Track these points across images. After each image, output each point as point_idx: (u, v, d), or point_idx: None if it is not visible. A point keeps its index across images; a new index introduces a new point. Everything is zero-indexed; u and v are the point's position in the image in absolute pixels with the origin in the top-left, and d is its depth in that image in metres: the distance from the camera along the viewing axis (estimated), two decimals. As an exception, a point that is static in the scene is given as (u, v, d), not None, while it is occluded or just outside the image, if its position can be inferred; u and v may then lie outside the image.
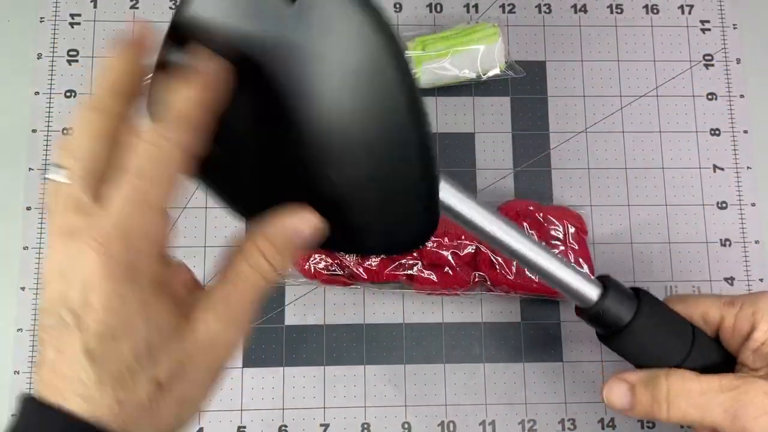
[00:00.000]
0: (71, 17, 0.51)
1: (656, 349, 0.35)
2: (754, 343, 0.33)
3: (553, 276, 0.34)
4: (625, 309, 0.35)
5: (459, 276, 0.45)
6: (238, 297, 0.28)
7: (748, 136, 0.52)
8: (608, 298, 0.35)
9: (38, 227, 0.48)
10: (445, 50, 0.48)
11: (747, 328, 0.33)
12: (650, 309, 0.35)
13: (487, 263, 0.45)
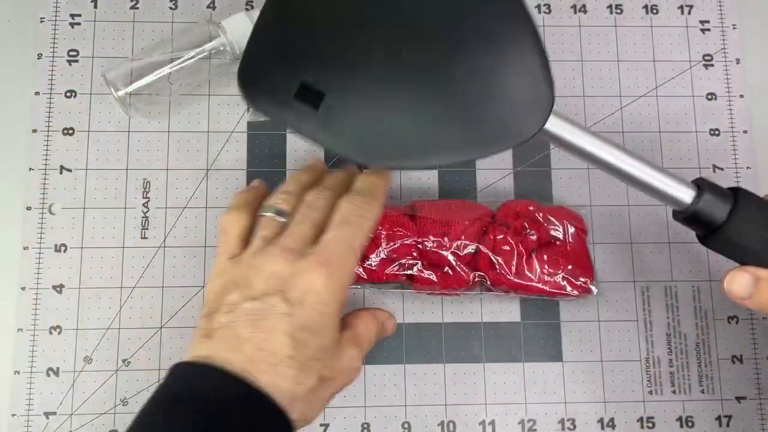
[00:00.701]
0: (71, 17, 0.51)
1: (757, 246, 0.36)
2: None
3: (648, 183, 0.37)
4: (721, 208, 0.36)
5: (459, 276, 0.44)
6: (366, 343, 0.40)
7: (747, 136, 0.52)
8: (702, 199, 0.36)
9: (38, 227, 0.48)
10: None
11: None
12: (747, 207, 0.36)
13: (487, 263, 0.44)
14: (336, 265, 0.36)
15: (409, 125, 0.34)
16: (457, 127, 0.34)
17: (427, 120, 0.34)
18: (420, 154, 0.35)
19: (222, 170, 0.49)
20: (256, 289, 0.35)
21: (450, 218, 0.44)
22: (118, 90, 0.47)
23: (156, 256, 0.48)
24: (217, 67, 0.49)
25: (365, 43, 0.34)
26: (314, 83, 0.34)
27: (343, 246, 0.37)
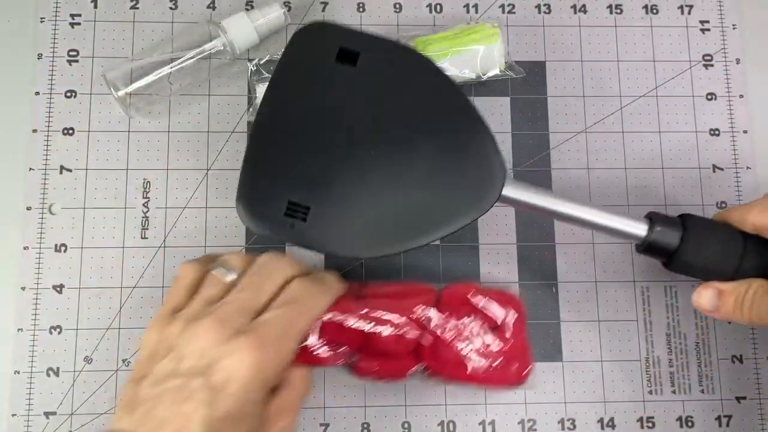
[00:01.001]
0: (71, 17, 0.51)
1: (709, 264, 0.40)
2: None
3: (605, 226, 0.42)
4: (673, 236, 0.40)
5: (401, 365, 0.41)
6: (298, 404, 0.38)
7: (747, 137, 0.52)
8: (654, 231, 0.41)
9: (38, 227, 0.48)
10: (445, 50, 0.48)
11: None
12: (695, 231, 0.40)
13: (430, 352, 0.41)
14: (271, 349, 0.34)
15: (386, 219, 0.40)
16: (428, 213, 0.40)
17: (400, 212, 0.40)
18: (399, 242, 0.40)
19: (222, 170, 0.49)
20: (184, 365, 0.33)
21: (395, 304, 0.41)
22: (118, 90, 0.47)
23: (156, 256, 0.48)
24: (217, 67, 0.49)
25: (338, 159, 0.40)
26: (299, 200, 0.39)
27: (284, 328, 0.35)
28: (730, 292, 0.39)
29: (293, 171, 0.40)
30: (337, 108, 0.41)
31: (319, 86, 0.41)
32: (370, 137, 0.41)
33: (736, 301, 0.39)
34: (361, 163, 0.40)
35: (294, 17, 0.52)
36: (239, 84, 0.51)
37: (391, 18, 0.52)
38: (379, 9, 0.53)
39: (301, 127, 0.41)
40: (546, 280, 0.49)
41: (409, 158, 0.41)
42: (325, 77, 0.41)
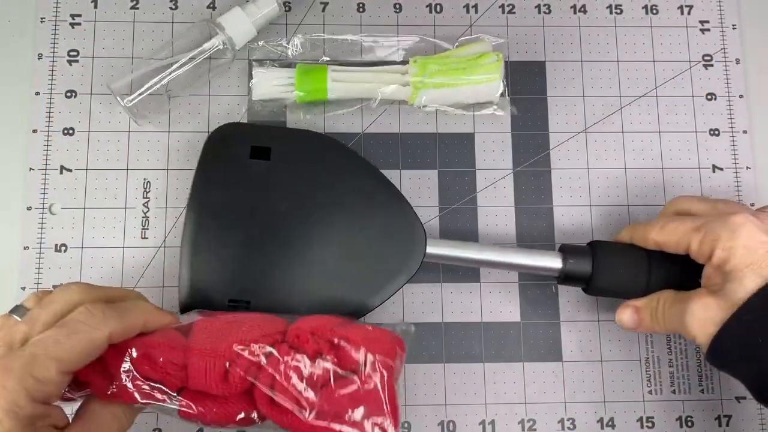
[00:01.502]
0: (71, 17, 0.51)
1: (621, 285, 0.44)
2: (712, 267, 0.40)
3: (524, 265, 0.45)
4: (585, 264, 0.44)
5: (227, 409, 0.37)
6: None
7: (747, 136, 0.52)
8: (568, 262, 0.44)
9: (38, 227, 0.48)
10: (444, 83, 0.48)
11: (708, 251, 0.39)
12: (603, 256, 0.44)
13: (264, 399, 0.36)
14: (12, 377, 0.30)
15: (322, 298, 0.43)
16: (360, 287, 0.44)
17: (333, 290, 0.44)
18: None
19: (222, 170, 0.49)
20: None
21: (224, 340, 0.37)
22: (125, 99, 0.47)
23: (156, 256, 0.48)
24: (217, 67, 0.49)
25: (267, 253, 0.44)
26: (238, 296, 0.43)
27: (32, 355, 0.31)
28: (644, 307, 0.43)
29: (228, 271, 0.43)
30: (261, 203, 0.44)
31: (238, 185, 0.45)
32: (294, 226, 0.44)
33: (652, 315, 0.42)
34: (288, 252, 0.44)
35: (294, 17, 0.52)
36: (239, 84, 0.51)
37: (392, 18, 0.52)
38: (379, 9, 0.53)
39: (229, 226, 0.44)
40: (546, 281, 0.49)
41: (333, 239, 0.44)
42: (243, 175, 0.45)
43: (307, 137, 0.47)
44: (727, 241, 0.38)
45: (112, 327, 0.34)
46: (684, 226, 0.41)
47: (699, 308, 0.39)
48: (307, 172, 0.45)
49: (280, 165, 0.45)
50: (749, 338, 0.37)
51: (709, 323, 0.38)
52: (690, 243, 0.40)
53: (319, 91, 0.49)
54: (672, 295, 0.42)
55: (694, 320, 0.39)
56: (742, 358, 0.38)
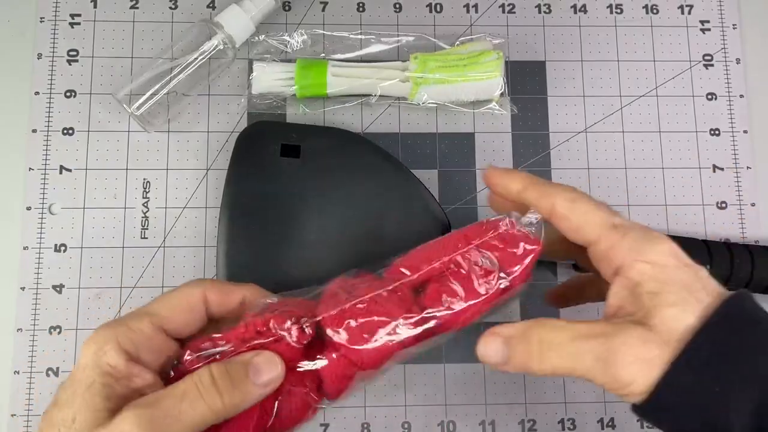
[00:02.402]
0: (71, 17, 0.51)
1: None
2: (628, 282, 0.30)
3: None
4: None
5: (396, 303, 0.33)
6: (167, 413, 0.27)
7: (747, 136, 0.52)
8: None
9: (38, 227, 0.48)
10: (444, 80, 0.48)
11: (620, 261, 0.31)
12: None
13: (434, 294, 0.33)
14: (110, 326, 0.29)
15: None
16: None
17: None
18: None
19: (222, 170, 0.49)
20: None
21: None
22: (132, 107, 0.47)
23: (156, 256, 0.48)
24: (218, 67, 0.49)
25: (298, 255, 0.44)
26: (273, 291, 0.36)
27: (132, 311, 0.30)
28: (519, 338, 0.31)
29: (263, 266, 0.44)
30: (292, 200, 0.45)
31: (269, 183, 0.45)
32: (325, 223, 0.45)
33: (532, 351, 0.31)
34: (320, 248, 0.44)
35: (294, 16, 0.52)
36: (239, 84, 0.51)
37: (392, 18, 0.52)
38: (379, 9, 0.52)
39: (262, 223, 0.45)
40: (546, 281, 0.49)
41: (363, 235, 0.45)
42: (274, 173, 0.46)
43: (336, 135, 0.48)
44: (654, 254, 0.30)
45: (200, 287, 0.32)
46: (599, 215, 0.32)
47: (637, 343, 0.29)
48: (336, 169, 0.46)
49: (310, 162, 0.46)
50: (700, 386, 0.28)
51: (652, 365, 0.28)
52: (600, 239, 0.31)
53: (318, 85, 0.49)
54: (563, 325, 0.31)
55: (631, 360, 0.29)
56: (691, 410, 0.28)
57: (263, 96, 0.50)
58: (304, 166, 0.46)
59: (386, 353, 0.32)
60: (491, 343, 0.31)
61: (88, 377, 0.28)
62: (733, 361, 0.28)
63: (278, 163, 0.46)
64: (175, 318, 0.30)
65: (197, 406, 0.28)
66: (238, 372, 0.29)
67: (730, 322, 0.29)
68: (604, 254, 0.31)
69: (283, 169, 0.46)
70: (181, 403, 0.28)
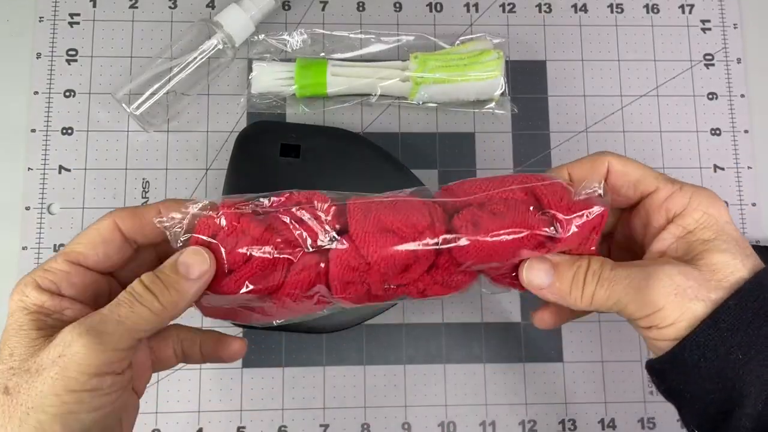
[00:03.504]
0: (70, 17, 0.51)
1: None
2: (681, 230, 0.31)
3: None
4: None
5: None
6: (106, 316, 0.28)
7: (748, 136, 0.52)
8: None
9: (37, 227, 0.48)
10: (445, 79, 0.48)
11: (678, 209, 0.31)
12: None
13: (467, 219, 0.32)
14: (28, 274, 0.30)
15: None
16: None
17: None
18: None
19: (221, 170, 0.49)
20: None
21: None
22: (131, 107, 0.47)
23: (155, 256, 0.48)
24: (218, 67, 0.49)
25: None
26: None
27: (51, 255, 0.31)
28: (566, 265, 0.32)
29: None
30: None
31: (269, 182, 0.45)
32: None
33: (575, 278, 0.31)
34: None
35: (294, 16, 0.52)
36: (238, 83, 0.51)
37: (391, 17, 0.52)
38: (379, 8, 0.52)
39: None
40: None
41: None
42: (273, 173, 0.46)
43: (336, 134, 0.48)
44: (712, 208, 0.31)
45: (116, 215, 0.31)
46: (653, 170, 0.33)
47: (677, 274, 0.29)
48: (336, 169, 0.46)
49: (310, 162, 0.46)
50: (723, 348, 0.28)
51: (691, 298, 0.28)
52: (659, 189, 0.32)
53: (318, 85, 0.48)
54: (611, 262, 0.31)
55: (668, 286, 0.29)
56: (717, 374, 0.28)
57: (263, 95, 0.50)
58: (303, 166, 0.46)
59: (398, 258, 0.31)
60: (540, 263, 0.32)
61: (16, 321, 0.29)
62: (758, 332, 0.28)
63: (278, 162, 0.46)
64: (90, 252, 0.31)
65: (136, 309, 0.29)
66: (169, 274, 0.30)
67: (763, 291, 0.29)
68: (662, 203, 0.32)
69: (283, 168, 0.46)
70: (119, 309, 0.29)
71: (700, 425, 0.31)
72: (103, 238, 0.31)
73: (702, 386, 0.29)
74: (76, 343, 0.27)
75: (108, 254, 0.31)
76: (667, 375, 0.30)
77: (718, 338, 0.28)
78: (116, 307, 0.29)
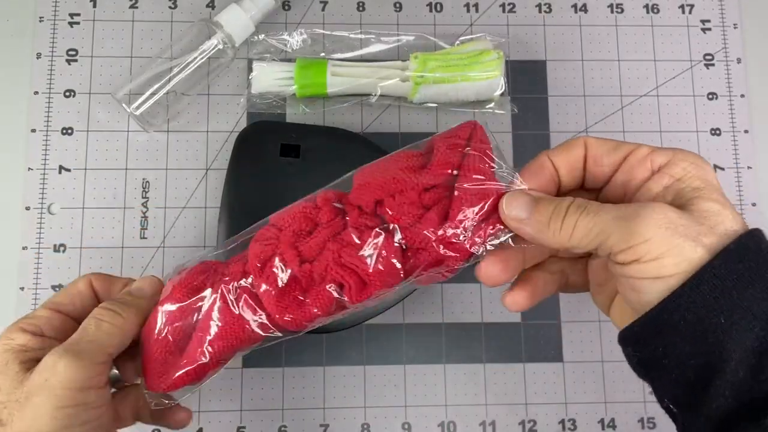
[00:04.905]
0: (70, 17, 0.51)
1: None
2: (668, 179, 0.30)
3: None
4: None
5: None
6: (79, 338, 0.33)
7: (748, 136, 0.52)
8: None
9: (37, 227, 0.48)
10: (445, 79, 0.48)
11: (663, 161, 0.30)
12: None
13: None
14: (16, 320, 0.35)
15: None
16: None
17: None
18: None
19: (221, 170, 0.49)
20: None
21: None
22: (131, 107, 0.47)
23: (155, 257, 0.48)
24: (218, 67, 0.49)
25: None
26: None
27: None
28: (546, 201, 0.31)
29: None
30: (292, 200, 0.40)
31: (269, 182, 0.46)
32: None
33: (555, 214, 0.30)
34: None
35: (294, 16, 0.52)
36: (238, 83, 0.51)
37: (392, 17, 0.52)
38: (379, 8, 0.52)
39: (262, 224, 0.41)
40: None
41: None
42: (273, 173, 0.46)
43: (336, 134, 0.48)
44: (699, 161, 0.30)
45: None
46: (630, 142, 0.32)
47: (672, 214, 0.28)
48: (336, 169, 0.45)
49: (310, 162, 0.46)
50: (705, 311, 0.27)
51: (684, 243, 0.27)
52: (639, 148, 0.31)
53: (318, 85, 0.48)
54: (596, 203, 0.30)
55: (662, 226, 0.27)
56: (699, 337, 0.27)
57: (263, 96, 0.50)
58: (303, 166, 0.46)
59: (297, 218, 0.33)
60: (519, 196, 0.31)
61: (2, 360, 0.32)
62: (743, 295, 0.27)
63: (278, 162, 0.46)
64: (67, 302, 0.36)
65: (102, 327, 0.33)
66: (125, 296, 0.36)
67: (748, 253, 0.27)
68: (645, 156, 0.30)
69: (283, 168, 0.46)
70: (87, 331, 0.33)
71: (676, 397, 0.29)
72: (79, 292, 0.36)
73: (682, 349, 0.28)
74: (59, 364, 0.31)
75: (83, 305, 0.36)
76: (644, 340, 0.29)
77: (700, 300, 0.27)
78: (83, 331, 0.33)
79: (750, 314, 0.27)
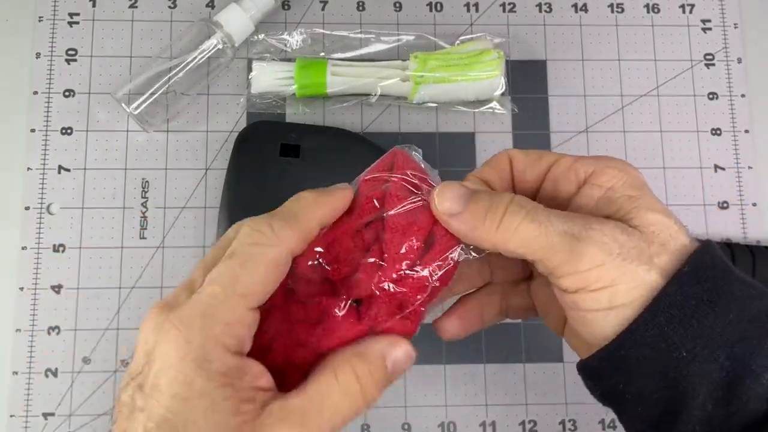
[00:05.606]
0: (70, 16, 0.51)
1: None
2: (598, 190, 0.28)
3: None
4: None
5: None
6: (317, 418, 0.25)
7: (749, 136, 0.52)
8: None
9: (36, 227, 0.48)
10: (446, 78, 0.48)
11: (588, 169, 0.28)
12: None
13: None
14: (200, 325, 0.24)
15: None
16: None
17: None
18: None
19: (221, 170, 0.49)
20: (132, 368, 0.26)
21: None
22: (131, 107, 0.47)
23: (155, 257, 0.48)
24: (217, 67, 0.49)
25: None
26: None
27: (217, 293, 0.25)
28: (483, 194, 0.28)
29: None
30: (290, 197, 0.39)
31: (269, 182, 0.46)
32: None
33: (492, 209, 0.27)
34: None
35: (293, 15, 0.52)
36: (238, 83, 0.51)
37: (392, 17, 0.52)
38: (379, 8, 0.52)
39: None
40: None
41: None
42: (273, 173, 0.46)
43: (336, 134, 0.48)
44: (625, 166, 0.28)
45: (287, 238, 0.27)
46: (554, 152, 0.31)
47: (623, 237, 0.25)
48: (336, 169, 0.46)
49: (310, 162, 0.46)
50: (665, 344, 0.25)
51: (637, 268, 0.25)
52: (561, 158, 0.29)
53: (318, 85, 0.48)
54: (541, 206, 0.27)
55: (615, 250, 0.25)
56: (655, 359, 0.25)
57: (263, 95, 0.50)
58: (303, 166, 0.46)
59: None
60: (453, 188, 0.28)
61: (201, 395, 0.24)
62: (703, 323, 0.25)
63: (278, 162, 0.46)
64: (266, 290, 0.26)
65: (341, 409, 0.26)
66: (377, 371, 0.28)
67: (705, 272, 0.25)
68: (569, 166, 0.29)
69: (283, 168, 0.46)
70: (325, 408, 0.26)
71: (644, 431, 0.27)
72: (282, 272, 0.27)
73: (644, 385, 0.26)
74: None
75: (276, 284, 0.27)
76: (602, 375, 0.27)
77: (657, 333, 0.25)
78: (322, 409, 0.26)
79: (712, 342, 0.25)
